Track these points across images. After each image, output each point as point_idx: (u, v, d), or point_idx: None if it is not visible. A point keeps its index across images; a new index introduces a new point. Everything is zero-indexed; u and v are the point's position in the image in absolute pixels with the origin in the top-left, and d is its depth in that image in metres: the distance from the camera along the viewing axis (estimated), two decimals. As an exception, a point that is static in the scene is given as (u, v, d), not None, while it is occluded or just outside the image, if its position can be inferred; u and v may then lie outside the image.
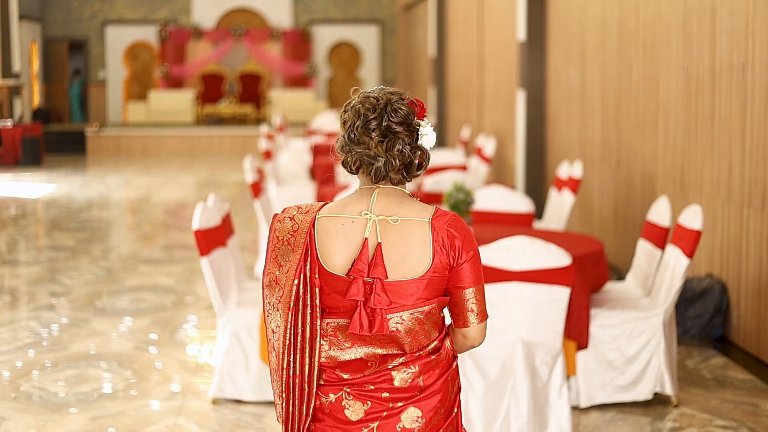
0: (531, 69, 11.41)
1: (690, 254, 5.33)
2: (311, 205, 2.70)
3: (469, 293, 2.63)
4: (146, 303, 8.00)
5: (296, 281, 2.63)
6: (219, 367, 5.51)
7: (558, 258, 4.80)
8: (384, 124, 2.60)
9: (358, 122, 2.62)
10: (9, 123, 20.10)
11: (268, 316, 2.70)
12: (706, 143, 7.07)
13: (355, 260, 2.60)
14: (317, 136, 16.46)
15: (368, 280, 2.58)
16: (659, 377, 5.42)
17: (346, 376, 2.64)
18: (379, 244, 2.58)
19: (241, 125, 24.94)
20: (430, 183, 7.86)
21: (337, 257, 2.62)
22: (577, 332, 5.27)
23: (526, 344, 4.90)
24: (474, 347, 2.73)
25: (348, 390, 2.63)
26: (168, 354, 6.53)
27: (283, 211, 2.70)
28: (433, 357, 2.64)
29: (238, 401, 5.53)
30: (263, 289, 2.71)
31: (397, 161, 2.60)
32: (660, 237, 5.81)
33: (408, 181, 2.67)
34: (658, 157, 7.98)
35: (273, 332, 2.69)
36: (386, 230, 2.60)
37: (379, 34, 27.08)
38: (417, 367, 2.62)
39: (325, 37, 27.04)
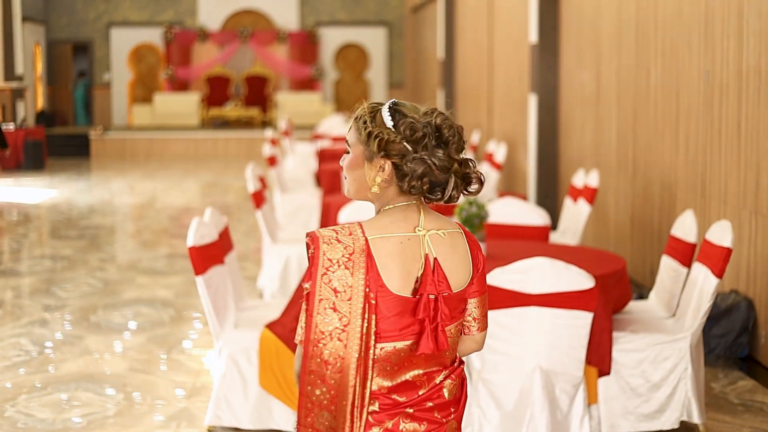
0: (543, 72, 11.05)
1: (719, 273, 4.96)
2: (347, 225, 2.58)
3: (479, 301, 2.69)
4: (143, 318, 7.66)
5: (362, 307, 2.52)
6: (215, 393, 5.16)
7: (580, 280, 4.44)
8: (461, 140, 2.61)
9: (432, 132, 2.56)
10: (11, 126, 19.78)
11: (319, 344, 2.49)
12: (732, 152, 6.70)
13: (420, 278, 2.55)
14: (324, 140, 16.11)
15: (431, 297, 2.56)
16: (686, 405, 5.05)
17: (402, 399, 2.57)
18: (435, 259, 2.57)
19: (247, 128, 24.62)
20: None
21: (399, 278, 2.54)
22: (598, 357, 4.91)
23: (545, 373, 4.54)
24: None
25: (409, 411, 2.58)
26: (163, 375, 6.19)
27: (317, 235, 2.55)
28: (462, 366, 2.69)
29: (236, 429, 5.18)
30: (312, 316, 2.50)
31: (468, 178, 2.60)
32: (685, 254, 5.45)
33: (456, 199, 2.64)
34: (678, 165, 7.62)
35: (328, 363, 2.50)
36: (438, 244, 2.60)
37: (387, 36, 26.74)
38: (457, 379, 2.65)
39: (332, 39, 26.72)
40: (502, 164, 11.11)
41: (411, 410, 2.56)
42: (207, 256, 5.11)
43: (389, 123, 2.56)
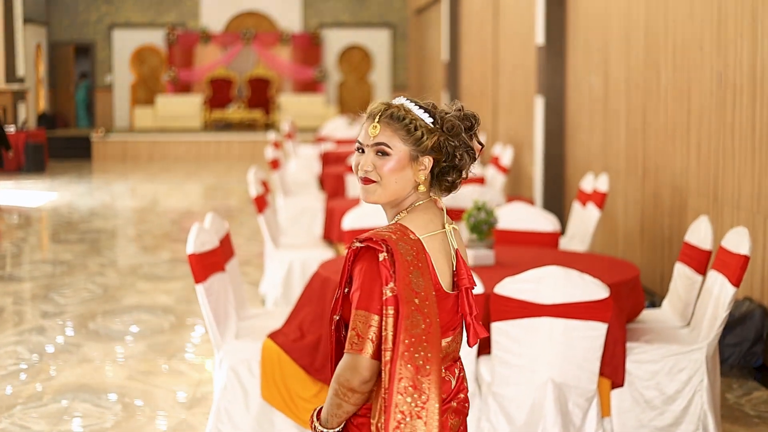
0: (550, 74, 10.88)
1: (736, 282, 4.80)
2: (392, 227, 2.55)
3: None
4: (143, 325, 7.50)
5: (435, 308, 2.50)
6: (216, 405, 4.99)
7: (594, 290, 4.27)
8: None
9: (463, 126, 2.63)
10: (12, 128, 19.62)
11: (410, 348, 2.41)
12: (745, 155, 6.54)
13: (455, 273, 2.60)
14: (327, 143, 15.96)
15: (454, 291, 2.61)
16: (702, 418, 4.88)
17: (444, 396, 2.58)
18: (458, 251, 2.64)
19: (250, 131, 24.46)
20: (447, 198, 7.32)
21: (445, 275, 2.59)
22: (611, 369, 4.74)
23: (557, 386, 4.37)
24: None
25: (453, 405, 2.61)
26: (162, 385, 6.02)
27: (388, 237, 2.50)
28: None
29: (237, 442, 5.01)
30: (402, 320, 2.42)
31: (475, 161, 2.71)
32: (701, 261, 5.28)
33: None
34: (690, 169, 7.45)
35: (418, 369, 2.41)
36: (456, 238, 2.67)
37: (391, 38, 26.59)
38: (463, 369, 2.70)
39: (335, 41, 26.56)
40: (508, 168, 10.94)
41: (454, 404, 2.60)
42: (207, 264, 4.95)
43: (428, 120, 2.60)
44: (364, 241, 2.50)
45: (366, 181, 2.60)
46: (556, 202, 10.90)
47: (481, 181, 9.48)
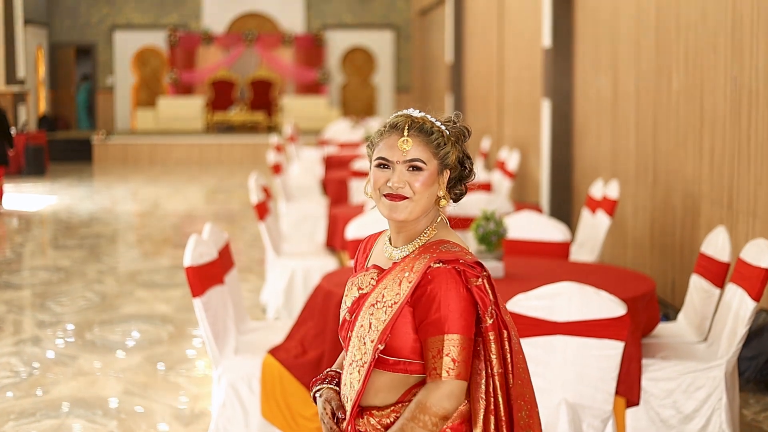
0: (557, 77, 10.67)
1: (757, 296, 4.60)
2: (456, 246, 2.54)
3: None
4: (141, 335, 7.30)
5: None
6: (214, 424, 4.80)
7: (611, 307, 4.07)
8: None
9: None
10: (13, 130, 19.41)
11: (519, 366, 2.52)
12: (762, 162, 6.33)
13: None
14: (330, 146, 15.76)
15: None
16: (720, 438, 4.69)
17: None
18: None
19: (252, 133, 24.27)
20: (453, 206, 7.12)
21: None
22: (626, 387, 4.54)
23: (571, 407, 4.17)
24: None
25: None
26: (160, 399, 5.82)
27: (481, 262, 2.51)
28: None
29: (236, 462, 4.82)
30: (511, 341, 2.49)
31: None
32: (718, 274, 5.07)
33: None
34: (702, 176, 7.25)
35: (527, 384, 2.55)
36: None
37: (394, 40, 26.39)
38: None
39: (338, 42, 26.37)
40: (514, 172, 10.74)
41: None
42: (205, 277, 4.76)
43: (447, 133, 2.57)
44: (449, 263, 2.43)
45: (396, 197, 2.51)
46: (564, 207, 10.69)
47: (487, 187, 9.29)
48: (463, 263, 2.44)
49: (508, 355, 2.46)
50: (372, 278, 2.59)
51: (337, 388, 2.67)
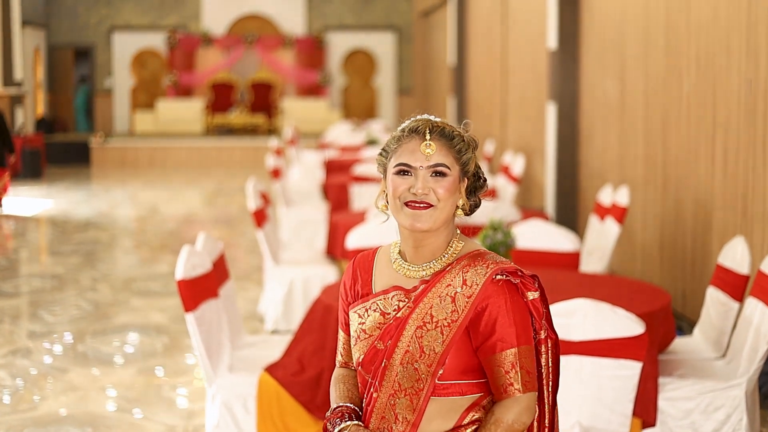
0: (562, 80, 10.44)
1: (779, 311, 4.37)
2: (499, 256, 2.45)
3: None
4: (134, 347, 7.06)
5: None
6: (207, 445, 4.57)
7: (628, 325, 3.83)
8: None
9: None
10: (12, 133, 19.19)
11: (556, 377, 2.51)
12: (778, 169, 6.09)
13: None
14: (331, 150, 15.52)
15: None
16: (741, 460, 4.45)
17: None
18: None
19: (252, 136, 24.06)
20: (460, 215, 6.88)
21: None
22: (642, 407, 4.31)
23: (585, 430, 3.93)
24: None
25: None
26: (152, 416, 5.58)
27: (518, 269, 2.41)
28: None
29: (231, 486, 4.58)
30: (558, 354, 2.48)
31: None
32: (736, 286, 4.84)
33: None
34: (715, 182, 7.01)
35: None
36: None
37: (396, 42, 26.16)
38: None
39: (339, 44, 26.14)
40: (519, 177, 10.50)
41: None
42: (198, 290, 4.52)
43: (467, 139, 2.49)
44: (509, 274, 2.36)
45: (420, 205, 2.35)
46: (570, 213, 10.45)
47: (492, 193, 9.05)
48: (521, 275, 2.37)
49: (556, 367, 2.48)
50: (400, 300, 2.40)
51: (362, 424, 2.43)
